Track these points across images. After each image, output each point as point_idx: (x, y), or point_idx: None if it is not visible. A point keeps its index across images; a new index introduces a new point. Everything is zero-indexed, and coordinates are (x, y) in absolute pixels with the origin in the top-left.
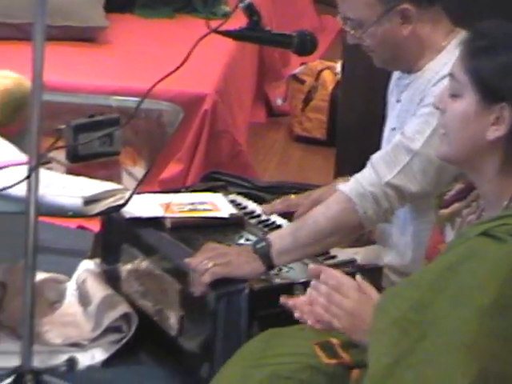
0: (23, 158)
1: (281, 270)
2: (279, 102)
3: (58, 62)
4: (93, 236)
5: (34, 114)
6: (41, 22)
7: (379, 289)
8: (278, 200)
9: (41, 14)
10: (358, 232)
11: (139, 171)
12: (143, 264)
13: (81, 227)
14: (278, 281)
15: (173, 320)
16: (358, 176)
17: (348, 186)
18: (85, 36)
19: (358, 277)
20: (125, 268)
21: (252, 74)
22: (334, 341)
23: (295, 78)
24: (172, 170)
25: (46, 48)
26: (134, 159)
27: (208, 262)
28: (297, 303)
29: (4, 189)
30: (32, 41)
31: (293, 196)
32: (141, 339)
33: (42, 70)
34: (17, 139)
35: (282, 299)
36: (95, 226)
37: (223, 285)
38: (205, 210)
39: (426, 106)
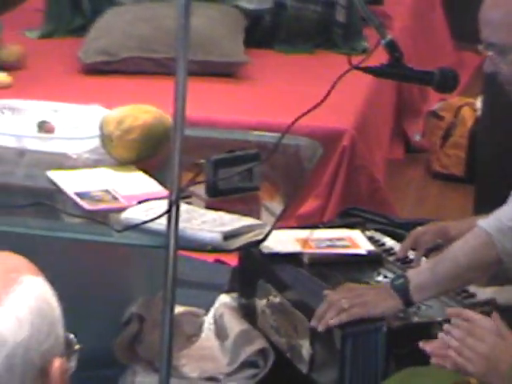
0: (163, 191)
1: (419, 307)
2: (417, 138)
3: (197, 96)
4: (230, 270)
5: (175, 148)
6: (183, 57)
7: None
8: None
9: (183, 49)
10: (497, 268)
11: (277, 206)
12: (277, 300)
13: (218, 261)
14: (416, 319)
15: (304, 357)
16: (497, 212)
17: (487, 222)
18: (225, 71)
19: (495, 315)
20: (261, 303)
21: (390, 110)
22: (473, 381)
23: (434, 114)
24: (310, 205)
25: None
26: (272, 194)
27: (345, 302)
28: (433, 348)
29: (145, 222)
30: (173, 75)
31: (419, 228)
32: (275, 375)
33: (185, 105)
34: (156, 173)
35: (421, 344)
36: (232, 259)
37: (352, 324)
38: (343, 246)
39: None
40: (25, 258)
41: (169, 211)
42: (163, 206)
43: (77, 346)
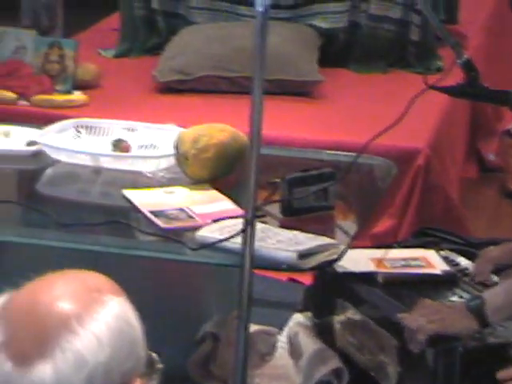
0: (237, 210)
1: (495, 328)
2: (492, 157)
3: (272, 115)
4: (303, 289)
5: (251, 167)
6: (259, 77)
7: None
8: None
9: (260, 69)
10: None
11: (351, 226)
12: (357, 318)
13: (291, 280)
14: (492, 340)
15: (390, 375)
16: None
17: None
18: (299, 90)
19: None
20: (338, 322)
21: (464, 129)
22: None
23: (508, 133)
24: (384, 224)
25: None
26: (346, 214)
27: (422, 319)
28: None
29: (220, 241)
30: (247, 94)
31: (491, 247)
32: None
33: (261, 125)
34: (231, 191)
35: (499, 375)
36: (305, 278)
37: (440, 342)
38: (418, 266)
39: None
40: (106, 277)
41: (244, 230)
42: (238, 224)
43: (159, 365)
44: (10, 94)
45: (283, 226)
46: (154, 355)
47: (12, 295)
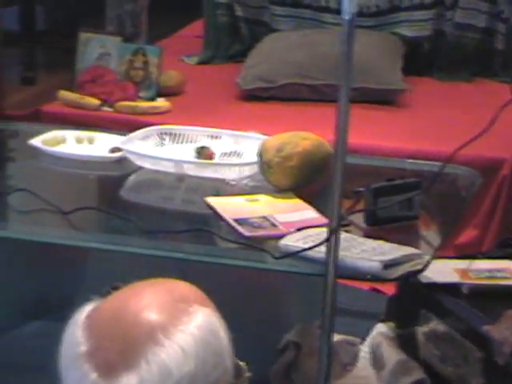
0: (321, 219)
1: None
2: None
3: (355, 123)
4: (386, 299)
5: (336, 176)
6: (346, 85)
7: None
8: None
9: (346, 77)
10: None
11: (434, 236)
12: (441, 329)
13: (373, 289)
14: None
15: None
16: None
17: None
18: (383, 98)
19: None
20: (421, 332)
21: None
22: None
23: None
24: (468, 235)
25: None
26: (429, 224)
27: (508, 332)
28: None
29: (304, 250)
30: (330, 102)
31: None
32: None
33: (347, 133)
34: (315, 200)
35: None
36: (388, 288)
37: None
38: (503, 277)
39: None
40: (194, 287)
41: (328, 239)
42: (321, 233)
43: (247, 374)
44: (94, 100)
45: (367, 235)
46: (242, 364)
47: (98, 304)
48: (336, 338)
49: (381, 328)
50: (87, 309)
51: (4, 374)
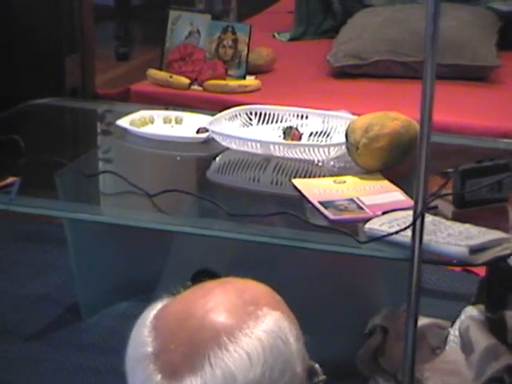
0: (409, 201)
1: None
2: None
3: (446, 101)
4: (477, 280)
5: (421, 157)
6: (431, 61)
7: None
8: None
9: (431, 53)
10: None
11: None
12: None
13: (466, 270)
14: None
15: None
16: None
17: None
18: (475, 75)
19: None
20: (510, 317)
21: None
22: None
23: None
24: None
25: (435, 86)
26: None
27: None
28: None
29: (389, 235)
30: (421, 80)
31: None
32: None
33: (431, 114)
34: (403, 182)
35: None
36: (481, 270)
37: None
38: None
39: None
40: (267, 288)
41: (413, 224)
42: (408, 216)
43: (321, 377)
44: (183, 79)
45: (455, 218)
46: (317, 366)
47: (166, 304)
48: (425, 321)
49: (470, 311)
50: (155, 308)
51: (90, 354)
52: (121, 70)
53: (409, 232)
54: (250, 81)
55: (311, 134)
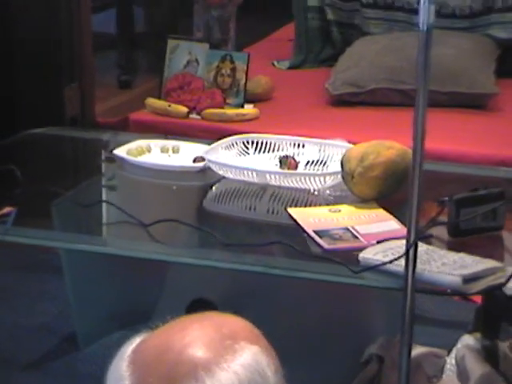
0: (404, 230)
1: None
2: None
3: (445, 129)
4: (475, 308)
5: (414, 185)
6: (423, 88)
7: None
8: None
9: (423, 80)
10: None
11: None
12: None
13: (464, 298)
14: None
15: None
16: None
17: None
18: (474, 103)
19: None
20: (503, 346)
21: None
22: None
23: None
24: None
25: (431, 114)
26: None
27: None
28: None
29: (382, 264)
30: (429, 108)
31: None
32: None
33: (424, 140)
34: (398, 211)
35: None
36: (478, 297)
37: None
38: None
39: None
40: (246, 322)
41: (407, 253)
42: (403, 246)
43: None
44: (181, 108)
45: (449, 247)
46: None
47: (144, 339)
48: (421, 349)
49: (467, 339)
50: (134, 342)
51: (87, 383)
52: (123, 98)
53: (402, 261)
54: (248, 110)
55: (308, 162)
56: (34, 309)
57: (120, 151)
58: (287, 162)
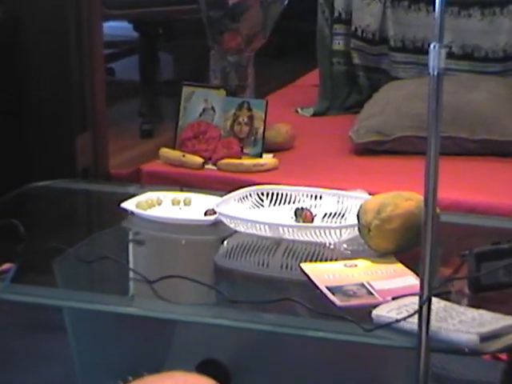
0: None
1: None
2: None
3: (475, 178)
4: (502, 367)
5: (427, 239)
6: (434, 136)
7: None
8: None
9: (434, 127)
10: None
11: None
12: None
13: (493, 357)
14: None
15: None
16: None
17: None
18: (506, 151)
19: None
20: None
21: None
22: None
23: None
24: None
25: (461, 164)
26: None
27: None
28: None
29: (395, 322)
30: (448, 156)
31: None
32: None
33: (436, 188)
34: (418, 265)
35: None
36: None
37: None
38: None
39: None
40: (210, 381)
41: (420, 310)
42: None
43: None
44: (196, 159)
45: (470, 302)
46: None
47: None
48: None
49: None
50: None
51: None
52: (144, 147)
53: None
54: (267, 159)
55: (325, 215)
56: (39, 370)
57: (129, 204)
58: (302, 215)
